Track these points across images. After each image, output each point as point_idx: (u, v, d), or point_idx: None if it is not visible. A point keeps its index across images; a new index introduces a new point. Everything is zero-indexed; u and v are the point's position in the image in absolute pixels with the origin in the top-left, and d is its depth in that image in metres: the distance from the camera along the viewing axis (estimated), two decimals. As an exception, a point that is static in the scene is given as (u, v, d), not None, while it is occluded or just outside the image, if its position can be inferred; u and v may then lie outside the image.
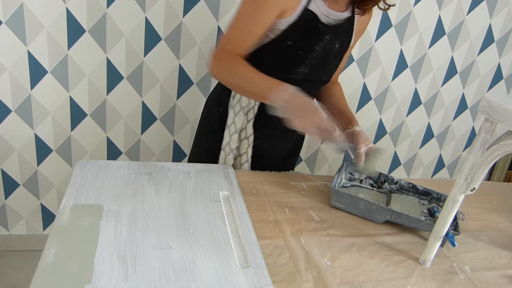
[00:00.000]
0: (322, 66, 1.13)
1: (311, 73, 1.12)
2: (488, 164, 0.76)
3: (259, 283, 0.71)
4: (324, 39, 1.06)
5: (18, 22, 1.53)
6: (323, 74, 1.16)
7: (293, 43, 1.05)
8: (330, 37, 1.07)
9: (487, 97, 0.74)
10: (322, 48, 1.07)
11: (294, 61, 1.08)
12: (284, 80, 1.08)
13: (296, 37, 1.04)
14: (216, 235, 0.82)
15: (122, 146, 1.86)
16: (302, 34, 1.04)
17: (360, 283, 0.80)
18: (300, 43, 1.05)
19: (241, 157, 1.20)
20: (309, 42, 1.05)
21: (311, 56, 1.07)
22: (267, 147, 1.22)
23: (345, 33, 1.12)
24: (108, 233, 0.77)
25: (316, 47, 1.06)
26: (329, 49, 1.09)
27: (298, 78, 1.10)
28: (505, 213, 1.19)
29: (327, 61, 1.13)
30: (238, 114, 1.15)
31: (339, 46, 1.12)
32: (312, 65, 1.10)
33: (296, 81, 1.08)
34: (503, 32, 2.13)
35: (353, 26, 1.14)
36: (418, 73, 2.11)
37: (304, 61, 1.08)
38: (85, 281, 0.66)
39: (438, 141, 2.37)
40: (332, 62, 1.15)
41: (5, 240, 1.91)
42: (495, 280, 0.88)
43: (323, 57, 1.10)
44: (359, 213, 1.03)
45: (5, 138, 1.70)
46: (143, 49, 1.69)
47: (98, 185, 0.92)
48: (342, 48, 1.15)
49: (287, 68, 1.09)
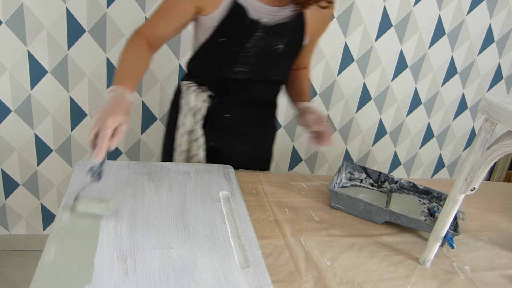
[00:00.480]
0: (265, 67, 1.09)
1: (254, 73, 1.08)
2: (488, 164, 0.76)
3: (259, 283, 0.71)
4: (255, 35, 1.01)
5: (18, 22, 1.53)
6: (271, 74, 1.12)
7: (226, 40, 1.02)
8: (265, 35, 1.02)
9: (487, 97, 0.74)
10: (258, 47, 1.03)
11: (230, 59, 1.05)
12: (226, 80, 1.08)
13: (228, 33, 1.01)
14: (216, 235, 0.82)
15: (122, 146, 1.86)
16: (232, 30, 1.01)
17: (360, 283, 0.80)
18: (232, 40, 1.02)
19: (192, 159, 1.18)
20: (239, 38, 1.02)
21: (247, 54, 1.04)
22: (224, 149, 1.20)
23: (292, 33, 1.07)
24: (108, 233, 0.77)
25: (247, 45, 1.02)
26: (267, 49, 1.05)
27: (240, 78, 1.08)
28: (505, 213, 1.19)
29: (269, 62, 1.08)
30: (187, 116, 1.14)
31: (285, 47, 1.06)
32: (251, 65, 1.06)
33: (240, 81, 1.09)
34: (503, 32, 2.13)
35: (303, 24, 1.08)
36: (418, 73, 2.11)
37: (239, 59, 1.04)
38: (85, 281, 0.66)
39: (438, 141, 2.37)
40: (278, 63, 1.10)
41: (5, 240, 1.91)
42: (495, 280, 0.88)
43: (263, 57, 1.06)
44: (358, 214, 1.03)
45: (5, 138, 1.70)
46: (143, 49, 1.69)
47: (98, 185, 0.92)
48: (292, 49, 1.10)
49: (224, 68, 1.07)
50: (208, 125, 1.16)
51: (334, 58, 1.93)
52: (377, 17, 1.90)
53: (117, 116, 0.81)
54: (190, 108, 1.13)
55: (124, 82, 0.91)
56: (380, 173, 1.17)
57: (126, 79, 0.92)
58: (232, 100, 1.14)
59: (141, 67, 1.00)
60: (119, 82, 0.91)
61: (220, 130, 1.17)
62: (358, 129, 2.16)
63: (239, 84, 1.10)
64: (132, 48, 1.00)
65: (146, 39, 1.02)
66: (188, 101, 1.12)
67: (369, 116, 2.15)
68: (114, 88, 0.89)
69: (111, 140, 0.81)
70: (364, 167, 1.18)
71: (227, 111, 1.15)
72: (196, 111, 1.13)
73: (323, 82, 1.97)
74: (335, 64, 1.95)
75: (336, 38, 1.89)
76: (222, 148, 1.19)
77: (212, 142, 1.18)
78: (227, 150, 1.20)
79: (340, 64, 1.95)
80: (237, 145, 1.21)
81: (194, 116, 1.14)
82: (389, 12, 1.89)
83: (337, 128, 2.12)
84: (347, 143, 2.19)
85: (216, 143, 1.19)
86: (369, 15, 1.88)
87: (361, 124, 2.15)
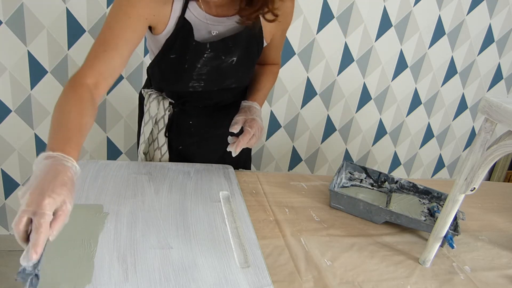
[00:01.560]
0: (221, 79, 1.03)
1: (210, 85, 1.03)
2: (488, 164, 0.76)
3: (259, 283, 0.71)
4: (204, 57, 0.96)
5: (18, 22, 1.53)
6: (229, 84, 1.06)
7: (176, 56, 0.96)
8: (214, 54, 0.96)
9: (487, 97, 0.74)
10: (208, 66, 0.98)
11: (182, 76, 0.99)
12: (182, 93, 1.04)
13: (177, 51, 0.95)
14: (216, 235, 0.82)
15: (122, 146, 1.86)
16: (180, 48, 0.95)
17: (360, 283, 0.80)
18: (182, 57, 0.96)
19: None
20: (187, 56, 0.96)
21: (200, 72, 0.99)
22: (193, 152, 1.17)
23: (246, 42, 1.00)
24: (108, 233, 0.77)
25: (198, 64, 0.97)
26: (219, 65, 0.99)
27: (197, 90, 1.03)
28: (505, 213, 1.19)
29: (225, 74, 1.02)
30: (147, 124, 1.10)
31: (240, 57, 1.00)
32: (206, 81, 1.01)
33: (198, 93, 1.05)
34: (503, 32, 2.13)
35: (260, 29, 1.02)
36: (418, 73, 2.10)
37: (192, 76, 0.99)
38: (85, 281, 0.66)
39: (438, 141, 2.37)
40: (234, 73, 1.04)
41: (5, 240, 1.91)
42: (495, 280, 0.88)
43: (217, 72, 1.00)
44: (358, 214, 1.03)
45: (5, 138, 1.70)
46: (143, 49, 1.69)
47: (98, 185, 0.92)
48: (249, 56, 1.04)
49: (178, 82, 1.01)
50: (173, 132, 1.12)
51: (334, 58, 1.93)
52: (377, 17, 1.90)
53: (56, 194, 0.59)
54: (151, 116, 1.09)
55: (64, 147, 0.67)
56: (380, 173, 1.17)
57: (67, 142, 0.68)
58: (194, 106, 1.11)
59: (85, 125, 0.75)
60: (56, 146, 0.67)
61: (186, 136, 1.14)
62: (358, 129, 2.16)
63: (197, 94, 1.06)
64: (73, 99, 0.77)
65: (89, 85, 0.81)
66: (149, 109, 1.09)
67: (369, 116, 2.15)
68: (50, 154, 0.65)
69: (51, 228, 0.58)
70: (364, 167, 1.18)
71: (190, 118, 1.12)
72: (159, 119, 1.10)
73: (323, 82, 1.97)
74: (335, 64, 1.95)
75: (336, 38, 1.89)
76: (190, 153, 1.16)
77: (180, 146, 1.15)
78: (196, 154, 1.17)
79: (340, 64, 1.95)
80: (206, 148, 1.18)
81: (156, 124, 1.11)
82: (389, 12, 1.89)
83: (337, 128, 2.12)
84: (347, 143, 2.19)
85: (184, 148, 1.16)
86: (369, 15, 1.88)
87: (361, 124, 2.15)
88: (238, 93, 1.13)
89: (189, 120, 1.12)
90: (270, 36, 1.07)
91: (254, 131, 0.98)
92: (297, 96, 1.97)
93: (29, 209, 0.58)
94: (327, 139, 2.14)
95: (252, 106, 1.06)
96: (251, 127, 0.98)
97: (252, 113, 1.03)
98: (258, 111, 1.06)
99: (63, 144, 0.67)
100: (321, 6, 1.79)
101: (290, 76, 1.90)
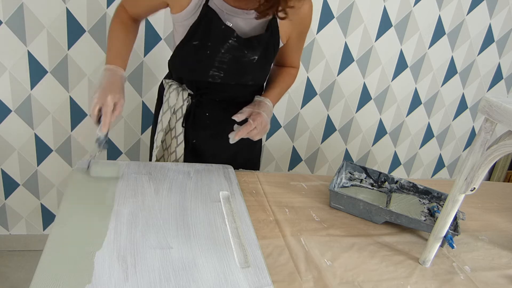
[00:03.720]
0: (240, 73, 1.08)
1: (229, 77, 1.08)
2: (488, 164, 0.76)
3: (259, 283, 0.71)
4: (229, 42, 1.01)
5: (18, 22, 1.53)
6: (247, 80, 1.10)
7: (199, 43, 1.03)
8: (238, 45, 1.02)
9: (487, 97, 0.74)
10: (231, 54, 1.03)
11: (203, 63, 1.05)
12: (202, 82, 1.09)
13: (200, 37, 1.02)
14: (216, 235, 0.82)
15: (122, 146, 1.86)
16: (205, 34, 1.02)
17: (360, 283, 0.80)
18: (205, 44, 1.02)
19: (170, 155, 1.19)
20: (213, 43, 1.02)
21: (221, 59, 1.04)
22: (206, 147, 1.20)
23: (265, 44, 1.06)
24: (108, 233, 0.77)
25: (221, 49, 1.02)
26: (241, 59, 1.04)
27: (216, 81, 1.08)
28: (505, 213, 1.19)
29: (245, 70, 1.07)
30: (165, 113, 1.15)
31: (259, 57, 1.06)
32: (226, 71, 1.06)
33: (216, 85, 1.09)
34: (503, 32, 2.13)
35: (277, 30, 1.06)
36: (418, 73, 2.10)
37: (213, 63, 1.04)
38: (85, 281, 0.66)
39: (438, 141, 2.37)
40: (254, 71, 1.09)
41: (5, 240, 1.91)
42: (495, 280, 0.88)
43: (238, 65, 1.05)
44: (358, 214, 1.04)
45: (5, 138, 1.70)
46: (143, 49, 1.69)
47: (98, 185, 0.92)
48: (266, 57, 1.09)
49: (198, 71, 1.07)
50: (189, 123, 1.17)
51: (334, 58, 1.93)
52: (377, 17, 1.90)
53: (115, 93, 0.94)
54: (170, 106, 1.14)
55: (116, 61, 1.01)
56: (380, 173, 1.17)
57: (118, 58, 1.02)
58: (211, 99, 1.14)
59: (130, 42, 1.09)
60: (111, 61, 1.01)
61: (201, 128, 1.18)
62: (358, 129, 2.16)
63: (216, 86, 1.10)
64: (120, 24, 1.08)
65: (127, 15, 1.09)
66: (169, 99, 1.14)
67: (369, 116, 2.15)
68: (108, 67, 1.00)
69: (113, 115, 0.93)
70: (364, 167, 1.18)
71: (207, 110, 1.16)
72: (177, 109, 1.15)
73: (323, 82, 1.97)
74: (335, 64, 1.95)
75: (336, 38, 1.89)
76: (203, 147, 1.20)
77: (194, 140, 1.19)
78: (209, 149, 1.20)
79: (340, 64, 1.95)
80: (219, 144, 1.19)
81: (174, 113, 1.15)
82: (389, 12, 1.89)
83: (337, 128, 2.12)
84: (347, 143, 2.19)
85: (198, 141, 1.19)
86: (369, 15, 1.88)
87: (361, 124, 2.15)
88: (254, 91, 1.17)
89: (205, 112, 1.16)
90: (286, 37, 1.11)
91: (256, 125, 1.02)
92: (297, 96, 1.97)
93: (99, 101, 0.92)
94: (327, 139, 2.14)
95: (262, 101, 1.10)
96: (254, 119, 1.03)
97: (260, 107, 1.08)
98: (267, 107, 1.09)
99: (115, 59, 1.02)
100: (321, 6, 1.79)
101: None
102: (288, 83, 1.22)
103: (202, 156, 1.20)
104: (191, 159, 1.20)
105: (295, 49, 1.18)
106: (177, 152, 1.17)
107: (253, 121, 1.03)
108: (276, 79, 1.19)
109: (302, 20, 1.09)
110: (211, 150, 1.21)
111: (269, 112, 1.10)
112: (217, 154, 1.20)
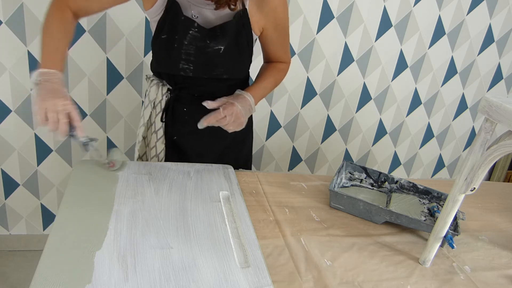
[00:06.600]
0: (209, 65, 1.07)
1: (199, 70, 1.07)
2: (488, 164, 0.76)
3: (259, 283, 0.71)
4: (189, 33, 1.02)
5: (18, 22, 1.53)
6: (219, 73, 1.09)
7: (167, 36, 1.04)
8: (199, 36, 1.02)
9: (487, 97, 0.74)
10: (194, 45, 1.03)
11: (172, 55, 1.05)
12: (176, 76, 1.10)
13: (167, 30, 1.03)
14: (216, 235, 0.82)
15: (122, 146, 1.86)
16: (170, 27, 1.03)
17: (360, 283, 0.80)
18: (171, 36, 1.03)
19: (151, 151, 1.20)
20: (177, 35, 1.02)
21: (186, 51, 1.04)
22: (187, 144, 1.19)
23: (233, 33, 1.04)
24: (108, 233, 0.77)
25: (184, 41, 1.02)
26: (204, 49, 1.03)
27: (188, 75, 1.08)
28: (505, 213, 1.19)
29: (213, 61, 1.06)
30: (147, 108, 1.17)
31: (227, 47, 1.04)
32: (194, 62, 1.06)
33: (190, 79, 1.10)
34: (503, 32, 2.13)
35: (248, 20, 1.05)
36: (418, 73, 2.10)
37: (180, 56, 1.04)
38: (85, 281, 0.66)
39: (438, 141, 2.37)
40: (224, 63, 1.07)
41: (5, 240, 1.91)
42: (495, 280, 0.88)
43: (204, 56, 1.04)
44: (358, 214, 1.03)
45: (5, 138, 1.70)
46: (143, 49, 1.69)
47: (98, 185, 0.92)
48: (238, 48, 1.07)
49: (170, 64, 1.07)
50: (168, 118, 1.17)
51: (334, 58, 1.93)
52: (377, 17, 1.90)
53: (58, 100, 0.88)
54: (150, 100, 1.16)
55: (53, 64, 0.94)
56: (380, 173, 1.17)
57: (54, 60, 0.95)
58: (190, 94, 1.14)
59: (67, 41, 1.01)
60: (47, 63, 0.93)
61: (180, 124, 1.18)
62: (358, 129, 2.16)
63: (191, 80, 1.10)
64: (58, 21, 0.99)
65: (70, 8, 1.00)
66: (149, 93, 1.15)
67: (369, 116, 2.15)
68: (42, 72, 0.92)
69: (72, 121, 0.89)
70: (364, 167, 1.18)
71: (185, 105, 1.16)
72: (156, 103, 1.16)
73: (323, 82, 1.97)
74: (335, 64, 1.95)
75: (336, 38, 1.89)
76: (186, 145, 1.20)
77: (175, 137, 1.19)
78: (192, 147, 1.20)
79: (340, 64, 1.95)
80: (201, 142, 1.20)
81: (154, 108, 1.16)
82: (389, 12, 1.89)
83: (337, 128, 2.12)
84: (347, 143, 2.19)
85: (178, 138, 1.19)
86: (369, 15, 1.88)
87: (361, 124, 2.15)
88: (233, 85, 1.15)
89: (183, 107, 1.16)
90: (259, 28, 1.09)
91: (226, 114, 1.01)
92: (297, 96, 1.97)
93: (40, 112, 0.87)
94: (327, 139, 2.14)
95: (241, 95, 1.09)
96: (224, 108, 1.01)
97: (236, 99, 1.06)
98: (245, 100, 1.07)
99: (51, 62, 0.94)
100: (321, 6, 1.79)
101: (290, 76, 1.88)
102: (276, 77, 1.20)
103: (186, 155, 1.20)
104: (175, 157, 1.20)
105: (276, 42, 1.15)
106: (157, 147, 1.18)
107: (223, 109, 1.00)
108: (263, 74, 1.19)
109: (273, 12, 1.06)
110: (194, 148, 1.20)
111: (247, 106, 1.07)
112: (203, 153, 1.20)
